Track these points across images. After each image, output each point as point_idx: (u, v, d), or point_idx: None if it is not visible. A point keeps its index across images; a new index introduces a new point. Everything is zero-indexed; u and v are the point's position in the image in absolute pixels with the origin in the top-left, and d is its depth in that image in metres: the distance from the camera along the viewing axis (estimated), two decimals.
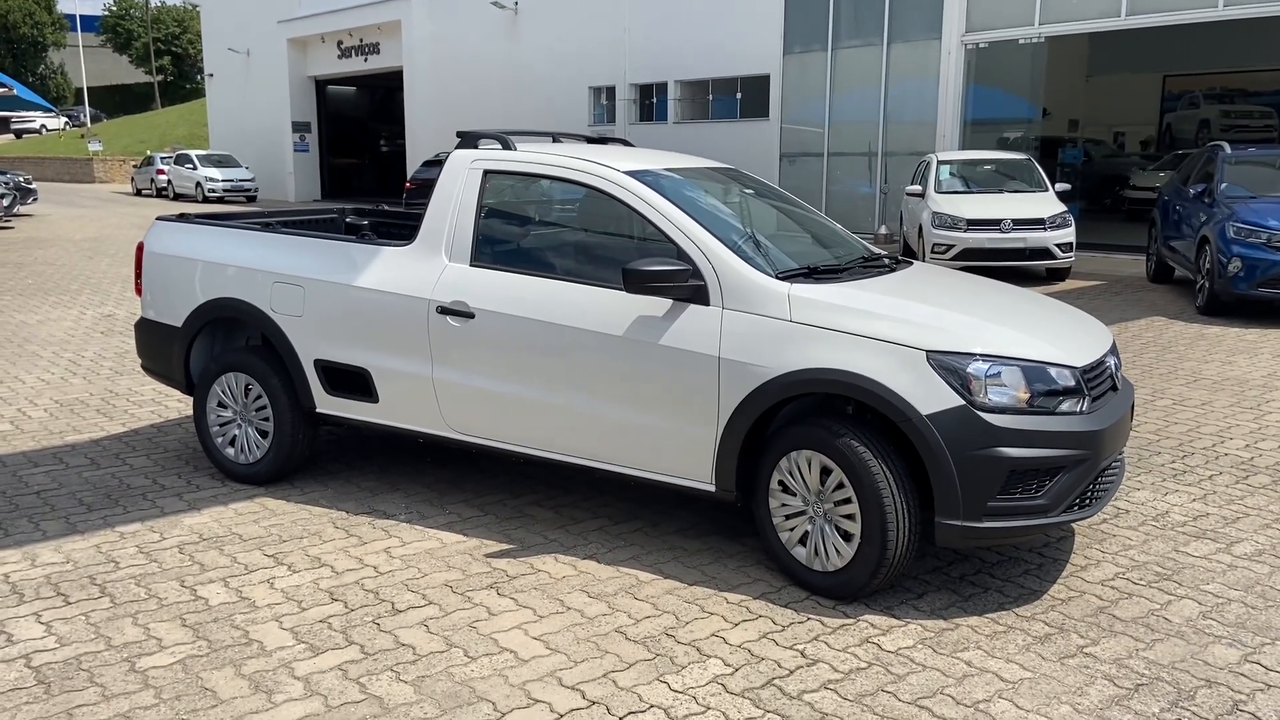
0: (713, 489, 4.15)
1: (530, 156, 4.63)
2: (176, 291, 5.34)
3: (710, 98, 22.27)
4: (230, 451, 5.26)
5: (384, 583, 4.07)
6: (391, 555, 4.35)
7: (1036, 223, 13.16)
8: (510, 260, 4.61)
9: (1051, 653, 3.55)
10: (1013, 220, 13.10)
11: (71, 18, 73.98)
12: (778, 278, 4.09)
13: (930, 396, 3.68)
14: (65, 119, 73.61)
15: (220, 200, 31.87)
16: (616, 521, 4.75)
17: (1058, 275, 13.75)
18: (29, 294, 12.33)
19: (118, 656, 3.48)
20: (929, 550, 4.37)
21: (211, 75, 39.56)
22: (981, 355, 3.73)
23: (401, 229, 6.30)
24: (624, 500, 4.99)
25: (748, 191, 5.24)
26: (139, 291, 5.54)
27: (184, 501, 5.00)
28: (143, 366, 5.69)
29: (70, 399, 7.04)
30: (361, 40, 31.51)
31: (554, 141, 5.25)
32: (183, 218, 5.53)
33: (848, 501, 3.83)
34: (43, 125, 71.32)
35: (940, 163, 14.94)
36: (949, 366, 3.70)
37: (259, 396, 5.12)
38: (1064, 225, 13.23)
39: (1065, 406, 3.79)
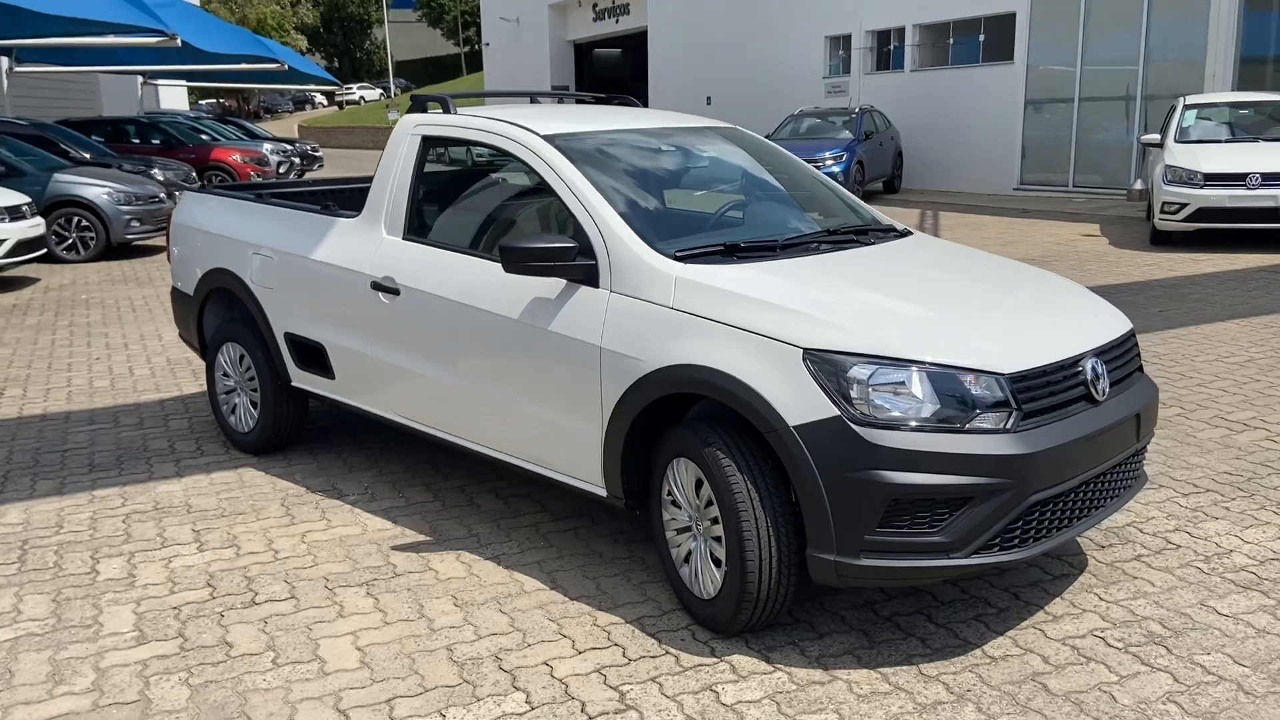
0: (604, 494, 3.68)
1: (460, 120, 4.27)
2: (190, 261, 5.44)
3: (950, 41, 20.61)
4: (232, 420, 5.32)
5: (269, 570, 3.93)
6: (304, 540, 4.20)
7: None
8: (437, 234, 4.30)
9: None
10: (1261, 175, 11.15)
11: None
12: (675, 257, 3.53)
13: (802, 404, 3.03)
14: (380, 90, 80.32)
15: None
16: (556, 518, 4.37)
17: None
18: None
19: None
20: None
21: (489, 44, 41.37)
22: (867, 356, 3.02)
23: None
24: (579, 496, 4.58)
25: (726, 156, 4.61)
26: (169, 260, 5.71)
27: (176, 467, 5.11)
28: (179, 334, 5.87)
29: (180, 358, 7.45)
30: (614, 2, 31.78)
31: (531, 103, 4.85)
32: (203, 189, 5.62)
33: (716, 521, 3.26)
34: (361, 97, 78.29)
35: (1187, 107, 12.99)
36: (827, 368, 3.03)
37: (249, 368, 5.13)
38: None
39: (981, 423, 3.01)
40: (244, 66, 21.16)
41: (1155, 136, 12.82)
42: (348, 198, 5.85)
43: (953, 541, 2.99)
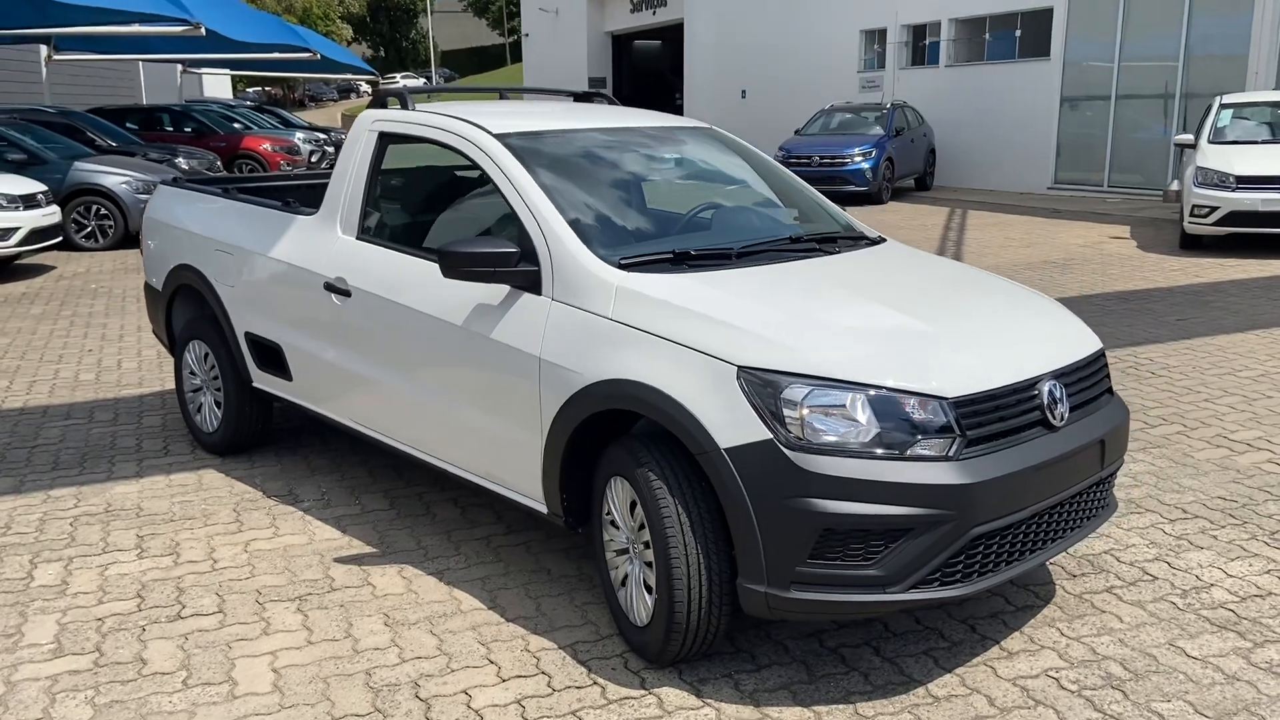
0: (545, 510, 3.52)
1: (417, 116, 4.12)
2: (159, 256, 5.35)
3: (987, 36, 20.17)
4: (198, 419, 5.23)
5: (203, 581, 3.81)
6: (247, 549, 4.08)
7: None
8: (390, 235, 4.17)
9: None
10: None
11: None
12: (620, 265, 3.35)
13: (734, 425, 2.85)
14: (424, 80, 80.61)
15: None
16: (511, 530, 4.22)
17: None
18: None
19: None
20: None
21: (528, 35, 41.34)
22: (802, 376, 2.83)
23: None
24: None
25: (696, 158, 4.42)
26: (142, 254, 5.62)
27: (138, 467, 5.02)
28: (152, 330, 5.79)
29: None
30: None
31: (500, 98, 4.70)
32: (175, 182, 5.52)
33: (650, 545, 3.09)
34: (404, 86, 78.86)
35: (1223, 106, 12.56)
36: (761, 388, 2.85)
37: (213, 367, 5.03)
38: None
39: (922, 449, 2.81)
40: (277, 56, 21.22)
41: (1188, 137, 12.41)
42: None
43: (888, 575, 2.80)
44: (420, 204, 4.35)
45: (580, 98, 5.09)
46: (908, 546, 2.78)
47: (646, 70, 38.07)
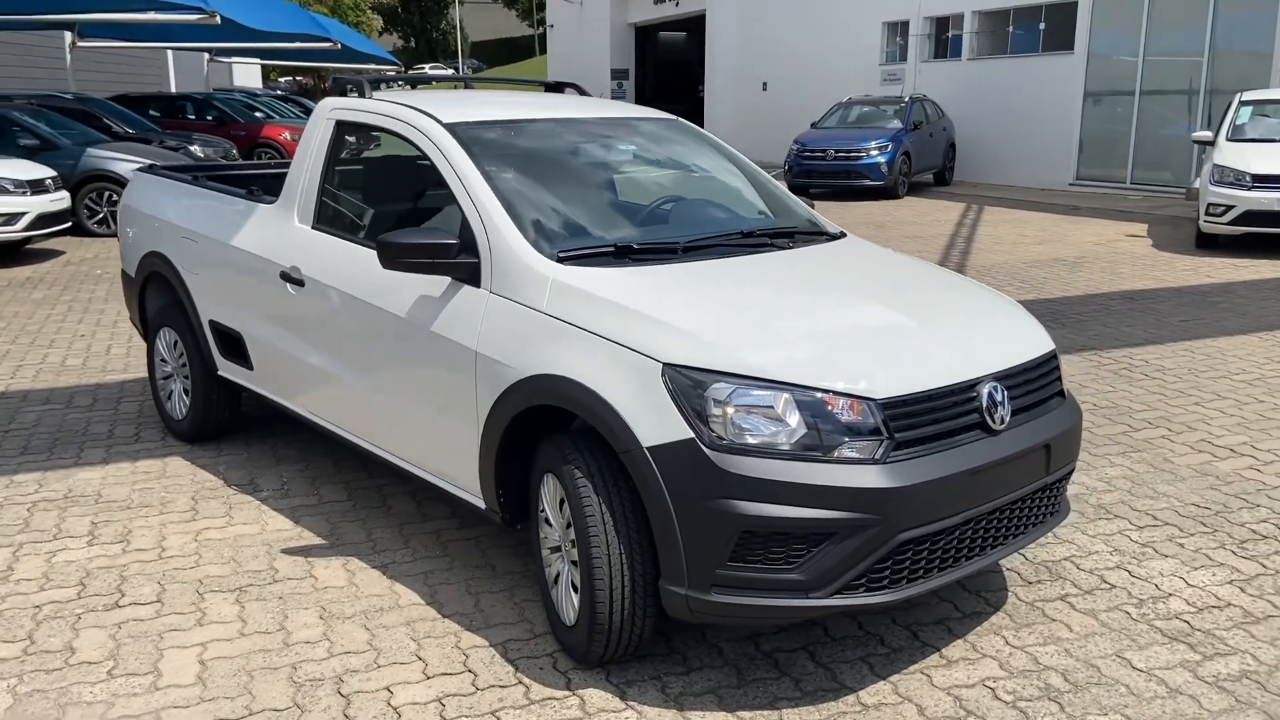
0: (484, 506, 3.47)
1: (372, 105, 4.07)
2: (133, 243, 5.34)
3: (1010, 29, 19.89)
4: (168, 406, 5.22)
5: (148, 570, 3.79)
6: (196, 538, 4.06)
7: None
8: (343, 224, 4.12)
9: None
10: None
11: None
12: (560, 258, 3.29)
13: (658, 423, 2.78)
14: (452, 70, 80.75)
15: None
16: (463, 525, 4.17)
17: None
18: None
19: None
20: None
21: (552, 26, 41.28)
22: (726, 374, 2.76)
23: None
24: None
25: (658, 151, 4.34)
26: (119, 241, 5.62)
27: (106, 454, 5.01)
28: (129, 316, 5.79)
29: None
30: None
31: (465, 88, 4.65)
32: (151, 169, 5.51)
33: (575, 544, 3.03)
34: (433, 79, 79.30)
35: (1243, 103, 12.30)
36: (685, 386, 2.77)
37: (182, 354, 5.02)
38: None
39: (847, 451, 2.73)
40: (298, 45, 21.25)
41: (1207, 134, 12.18)
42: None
43: (810, 580, 2.72)
44: (375, 194, 4.31)
45: (551, 88, 5.02)
46: (831, 551, 2.70)
47: (672, 62, 37.87)
